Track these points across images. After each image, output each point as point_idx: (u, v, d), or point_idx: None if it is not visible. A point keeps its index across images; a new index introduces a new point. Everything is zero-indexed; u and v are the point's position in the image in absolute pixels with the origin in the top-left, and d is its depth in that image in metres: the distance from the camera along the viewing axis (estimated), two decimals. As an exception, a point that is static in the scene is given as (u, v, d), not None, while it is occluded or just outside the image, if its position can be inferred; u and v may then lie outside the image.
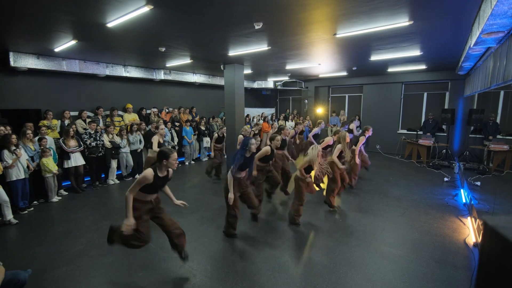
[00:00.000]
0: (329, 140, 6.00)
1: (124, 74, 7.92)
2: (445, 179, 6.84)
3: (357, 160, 5.90)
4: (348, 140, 5.10)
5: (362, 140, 6.15)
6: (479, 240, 3.92)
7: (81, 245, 3.82)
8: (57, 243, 3.89)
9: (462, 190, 5.91)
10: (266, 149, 4.57)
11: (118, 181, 6.95)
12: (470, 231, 4.11)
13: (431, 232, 4.12)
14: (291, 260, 3.42)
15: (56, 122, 6.65)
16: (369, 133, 6.36)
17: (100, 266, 3.33)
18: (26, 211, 5.01)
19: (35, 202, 5.41)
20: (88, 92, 7.75)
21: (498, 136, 8.12)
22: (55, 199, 5.61)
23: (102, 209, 5.14)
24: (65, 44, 5.23)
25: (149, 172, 2.74)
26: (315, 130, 7.52)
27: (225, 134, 7.25)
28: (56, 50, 5.66)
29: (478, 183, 6.38)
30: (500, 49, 3.80)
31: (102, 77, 7.73)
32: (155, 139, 5.48)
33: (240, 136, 6.35)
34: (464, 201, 5.36)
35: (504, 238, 0.37)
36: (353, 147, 6.06)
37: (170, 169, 2.95)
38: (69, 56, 6.53)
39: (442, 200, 5.47)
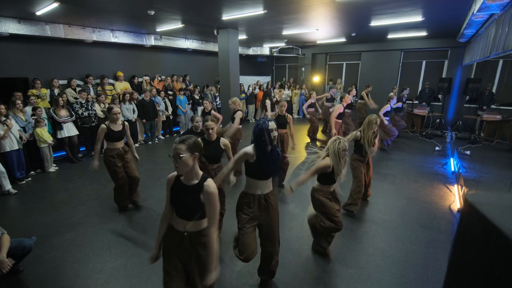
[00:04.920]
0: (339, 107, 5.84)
1: (113, 39, 7.53)
2: (437, 148, 7.01)
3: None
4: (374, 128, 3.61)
5: (386, 107, 6.26)
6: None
7: (82, 213, 3.94)
8: (58, 211, 4.00)
9: (451, 159, 6.09)
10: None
11: (114, 151, 6.95)
12: (455, 197, 4.33)
13: (419, 198, 4.33)
14: (282, 225, 3.60)
15: (45, 91, 6.45)
16: (393, 100, 6.34)
17: (103, 232, 3.47)
18: (24, 181, 5.07)
19: (32, 172, 5.45)
20: (76, 59, 7.41)
21: (492, 106, 8.16)
22: (52, 169, 5.65)
23: (100, 178, 5.21)
24: (47, 7, 4.88)
25: None
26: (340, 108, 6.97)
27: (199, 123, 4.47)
28: (38, 13, 5.29)
29: (468, 152, 6.56)
30: (503, 16, 3.67)
31: (90, 43, 7.36)
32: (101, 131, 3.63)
33: (239, 113, 4.79)
34: (452, 169, 5.56)
35: (481, 214, 0.40)
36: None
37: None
38: (53, 20, 6.13)
39: (431, 168, 5.65)
